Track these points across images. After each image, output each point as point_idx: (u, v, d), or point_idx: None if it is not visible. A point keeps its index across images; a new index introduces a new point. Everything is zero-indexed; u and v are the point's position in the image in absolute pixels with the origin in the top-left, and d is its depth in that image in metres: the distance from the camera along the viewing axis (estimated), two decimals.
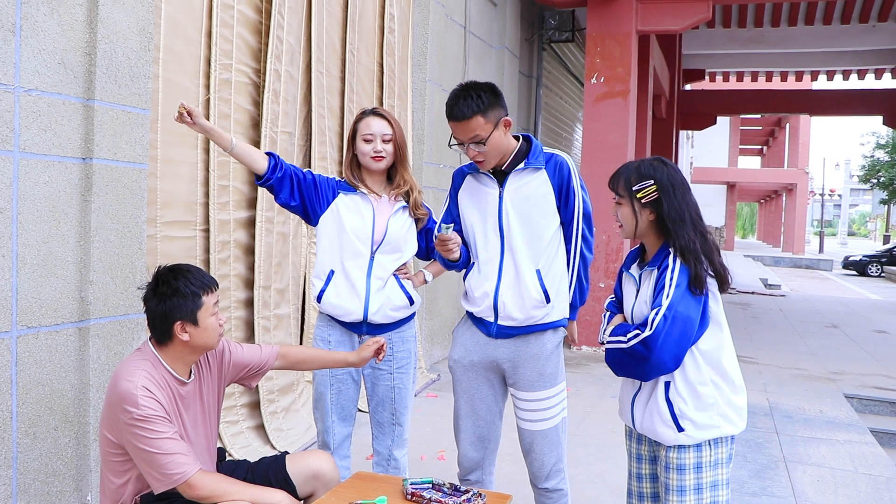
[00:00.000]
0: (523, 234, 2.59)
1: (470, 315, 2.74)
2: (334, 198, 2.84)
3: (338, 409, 2.87)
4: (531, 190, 2.60)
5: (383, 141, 2.82)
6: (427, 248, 3.01)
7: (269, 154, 2.75)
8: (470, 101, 2.48)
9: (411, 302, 2.90)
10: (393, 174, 2.91)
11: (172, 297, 2.21)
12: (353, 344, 2.87)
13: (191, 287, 2.23)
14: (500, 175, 2.63)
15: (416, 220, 2.94)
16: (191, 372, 2.34)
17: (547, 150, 2.68)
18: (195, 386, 2.36)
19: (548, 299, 2.62)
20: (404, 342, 2.92)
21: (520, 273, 2.60)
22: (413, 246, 2.94)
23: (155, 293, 2.23)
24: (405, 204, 2.90)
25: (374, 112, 2.87)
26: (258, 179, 2.75)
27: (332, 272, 2.81)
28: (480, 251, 2.66)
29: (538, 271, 2.60)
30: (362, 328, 2.85)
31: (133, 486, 2.25)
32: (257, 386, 3.96)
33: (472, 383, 2.72)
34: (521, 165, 2.60)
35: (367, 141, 2.81)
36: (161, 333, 2.25)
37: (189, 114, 2.51)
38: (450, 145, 2.63)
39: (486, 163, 2.58)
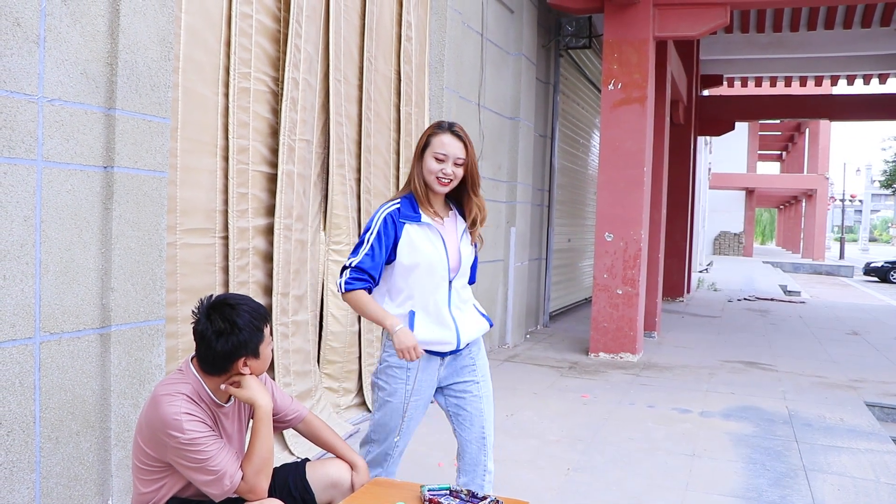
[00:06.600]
0: None
1: None
2: (400, 231, 2.65)
3: (407, 434, 2.78)
4: None
5: (455, 164, 2.63)
6: None
7: (355, 281, 2.62)
8: None
9: (490, 324, 2.88)
10: (464, 199, 2.75)
11: (239, 334, 2.19)
12: (436, 367, 2.75)
13: (254, 322, 2.23)
14: None
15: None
16: (230, 396, 2.36)
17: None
18: (233, 409, 2.39)
19: None
20: (480, 348, 2.87)
21: None
22: None
23: (220, 333, 2.19)
24: (465, 226, 2.78)
25: (451, 130, 2.66)
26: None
27: (412, 313, 2.65)
28: None
29: None
30: (446, 352, 2.76)
31: (163, 492, 2.28)
32: None
33: None
34: None
35: (438, 160, 2.63)
36: (218, 368, 2.24)
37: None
38: None
39: None
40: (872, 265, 28.92)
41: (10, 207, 2.57)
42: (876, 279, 28.22)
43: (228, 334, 2.19)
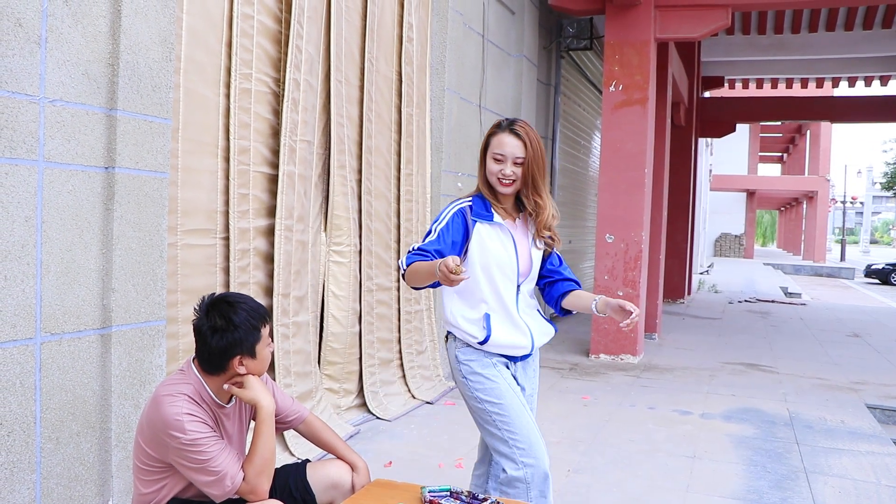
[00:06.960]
0: None
1: None
2: (472, 229, 2.58)
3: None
4: None
5: (514, 164, 2.54)
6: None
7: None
8: None
9: (556, 330, 2.80)
10: (524, 199, 2.64)
11: (234, 332, 2.19)
12: (508, 369, 2.70)
13: (251, 321, 2.23)
14: None
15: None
16: (231, 397, 2.36)
17: None
18: (234, 409, 2.40)
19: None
20: (538, 358, 2.82)
21: None
22: None
23: (215, 329, 2.19)
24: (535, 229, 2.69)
25: (510, 129, 2.57)
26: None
27: (487, 315, 2.58)
28: None
29: None
30: (519, 357, 2.71)
31: (164, 493, 2.29)
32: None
33: None
34: None
35: (496, 160, 2.55)
36: (215, 366, 2.24)
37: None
38: None
39: None
40: (873, 267, 28.89)
41: (12, 208, 2.58)
42: (877, 281, 28.19)
43: (224, 331, 2.19)
